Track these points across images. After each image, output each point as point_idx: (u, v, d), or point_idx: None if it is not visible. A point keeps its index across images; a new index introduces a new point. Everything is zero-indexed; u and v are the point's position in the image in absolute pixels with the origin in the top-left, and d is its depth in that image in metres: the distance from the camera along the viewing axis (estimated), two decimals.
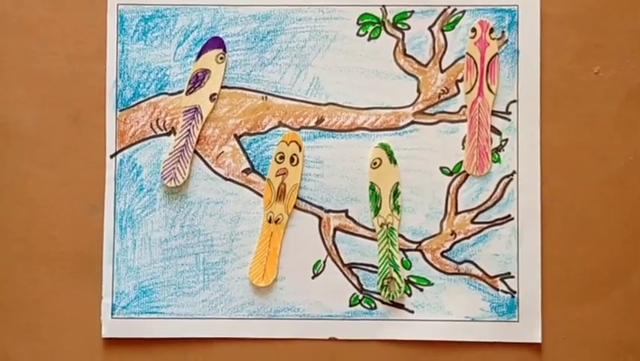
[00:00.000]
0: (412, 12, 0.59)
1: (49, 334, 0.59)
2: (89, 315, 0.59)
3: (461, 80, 0.59)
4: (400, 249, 0.59)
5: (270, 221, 0.59)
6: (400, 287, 0.58)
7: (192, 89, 0.59)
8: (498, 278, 0.59)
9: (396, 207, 0.59)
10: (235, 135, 0.59)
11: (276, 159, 0.59)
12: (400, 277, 0.59)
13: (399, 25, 0.59)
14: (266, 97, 0.59)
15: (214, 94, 0.59)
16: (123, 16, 0.60)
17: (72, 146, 0.59)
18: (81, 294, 0.59)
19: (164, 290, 0.59)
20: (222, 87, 0.59)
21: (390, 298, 0.59)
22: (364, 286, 0.59)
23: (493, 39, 0.59)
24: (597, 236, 0.59)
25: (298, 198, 0.59)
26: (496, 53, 0.59)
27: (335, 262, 0.59)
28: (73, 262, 0.59)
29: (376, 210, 0.59)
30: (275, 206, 0.59)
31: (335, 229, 0.59)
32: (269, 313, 0.59)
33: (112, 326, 0.59)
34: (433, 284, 0.59)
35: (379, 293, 0.59)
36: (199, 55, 0.59)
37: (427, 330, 0.58)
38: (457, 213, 0.59)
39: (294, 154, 0.59)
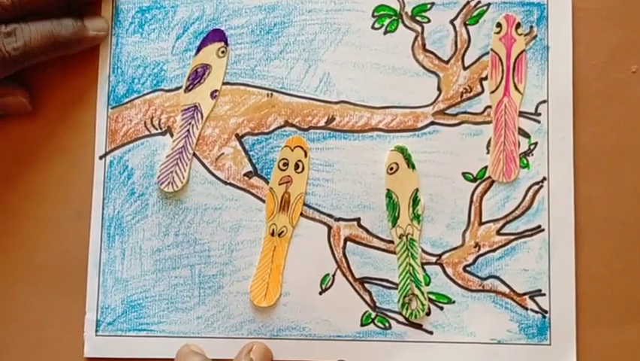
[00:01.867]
0: (433, 4, 0.54)
1: (27, 353, 0.53)
2: (71, 332, 0.53)
3: (485, 79, 0.54)
4: None
5: (272, 234, 0.54)
6: (423, 305, 0.53)
7: (191, 86, 0.55)
8: (527, 296, 0.53)
9: (416, 217, 0.53)
10: (237, 135, 0.54)
11: (279, 166, 0.54)
12: (422, 293, 0.53)
13: (418, 18, 0.54)
14: (271, 94, 0.54)
15: (215, 91, 0.54)
16: (119, 8, 0.55)
17: (58, 146, 0.54)
18: (63, 309, 0.53)
19: (155, 305, 0.53)
20: (224, 83, 0.54)
21: (413, 318, 0.53)
22: (378, 304, 0.53)
23: (520, 35, 0.54)
24: (638, 249, 0.53)
25: (305, 205, 0.54)
26: (524, 50, 0.54)
27: (345, 277, 0.53)
28: (55, 273, 0.53)
29: (394, 220, 0.53)
30: (278, 218, 0.54)
31: (346, 240, 0.53)
32: (271, 333, 0.53)
33: (96, 344, 0.53)
34: (454, 302, 0.53)
35: (395, 312, 0.53)
36: (199, 49, 0.55)
37: (447, 353, 0.52)
38: (481, 223, 0.53)
39: (299, 160, 0.54)
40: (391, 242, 0.53)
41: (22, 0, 0.51)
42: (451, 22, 0.54)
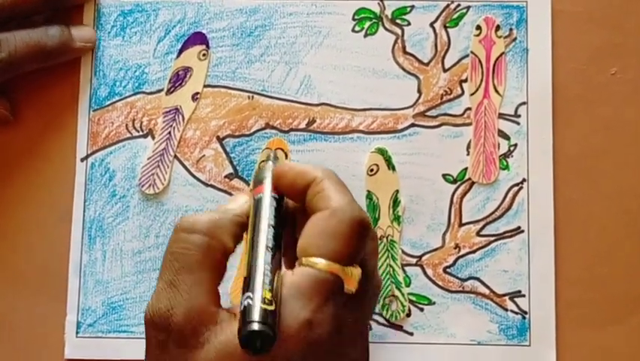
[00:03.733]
0: (413, 7, 0.55)
1: (7, 354, 0.53)
2: (51, 333, 0.53)
3: (465, 81, 0.54)
4: None
5: None
6: (403, 306, 0.53)
7: (173, 89, 0.55)
8: (507, 297, 0.53)
9: (397, 218, 0.53)
10: (218, 137, 0.54)
11: None
12: (403, 294, 0.53)
13: (398, 21, 0.55)
14: (252, 96, 0.55)
15: (196, 93, 0.55)
16: (101, 11, 0.55)
17: (40, 148, 0.54)
18: (43, 310, 0.53)
19: (136, 307, 0.53)
20: (205, 86, 0.55)
21: (394, 319, 0.53)
22: None
23: (499, 37, 0.54)
24: (617, 251, 0.53)
25: None
26: (503, 52, 0.54)
27: None
28: (36, 275, 0.53)
29: (375, 222, 0.53)
30: None
31: None
32: None
33: (76, 346, 0.53)
34: (434, 303, 0.53)
35: (376, 313, 0.53)
36: (180, 51, 0.55)
37: (427, 355, 0.52)
38: (461, 224, 0.53)
39: None
40: None
41: (4, 6, 0.51)
42: (431, 24, 0.55)
